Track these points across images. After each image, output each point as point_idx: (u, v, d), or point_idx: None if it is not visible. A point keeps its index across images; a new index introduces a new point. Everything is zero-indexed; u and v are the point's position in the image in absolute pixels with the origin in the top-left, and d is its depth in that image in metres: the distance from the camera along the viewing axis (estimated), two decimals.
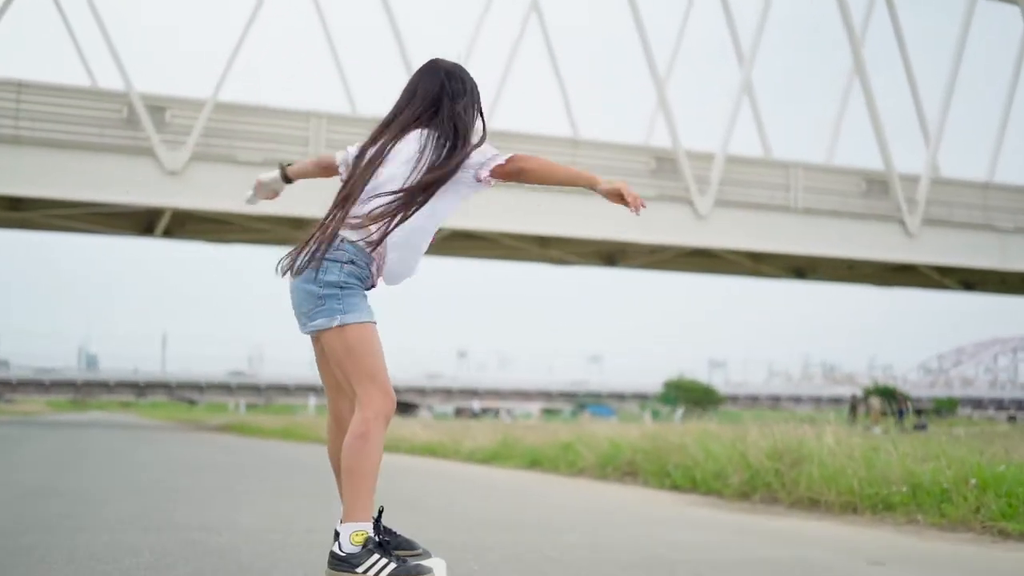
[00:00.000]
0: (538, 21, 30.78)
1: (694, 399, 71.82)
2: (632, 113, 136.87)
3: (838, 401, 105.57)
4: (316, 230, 3.00)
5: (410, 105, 3.08)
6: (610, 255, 34.40)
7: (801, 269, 36.89)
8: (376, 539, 2.87)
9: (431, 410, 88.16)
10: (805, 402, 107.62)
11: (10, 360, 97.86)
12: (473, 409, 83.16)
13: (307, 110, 26.84)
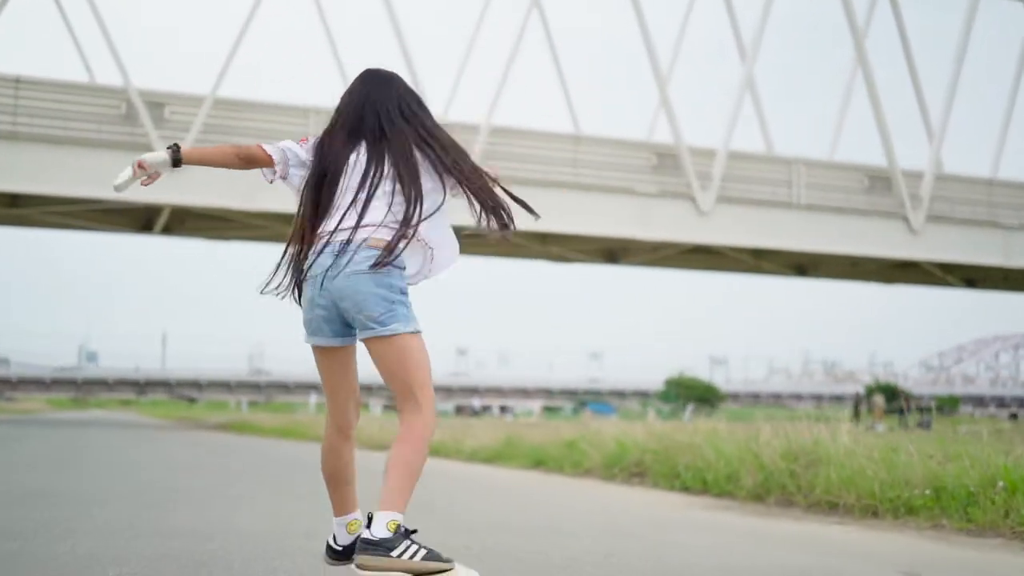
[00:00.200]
0: (539, 17, 30.55)
1: (695, 397, 71.66)
2: (634, 109, 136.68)
3: (840, 399, 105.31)
4: (341, 226, 2.97)
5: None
6: (611, 252, 34.16)
7: (803, 266, 36.66)
8: (407, 528, 2.92)
9: None
10: (806, 399, 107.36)
11: (10, 358, 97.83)
12: (473, 407, 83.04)
13: (307, 106, 26.61)
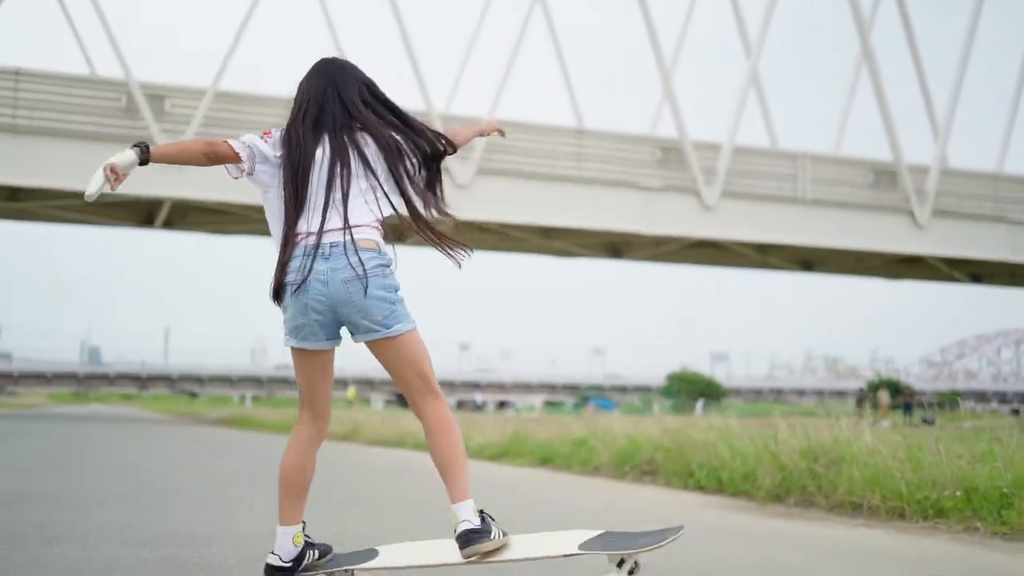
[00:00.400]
0: (543, 11, 30.30)
1: (697, 392, 71.43)
2: (636, 104, 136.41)
3: (841, 394, 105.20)
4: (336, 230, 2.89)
5: None
6: (615, 246, 33.91)
7: (808, 261, 36.41)
8: (482, 510, 2.95)
9: None
10: (808, 395, 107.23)
11: (13, 353, 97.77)
12: (475, 402, 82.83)
13: None
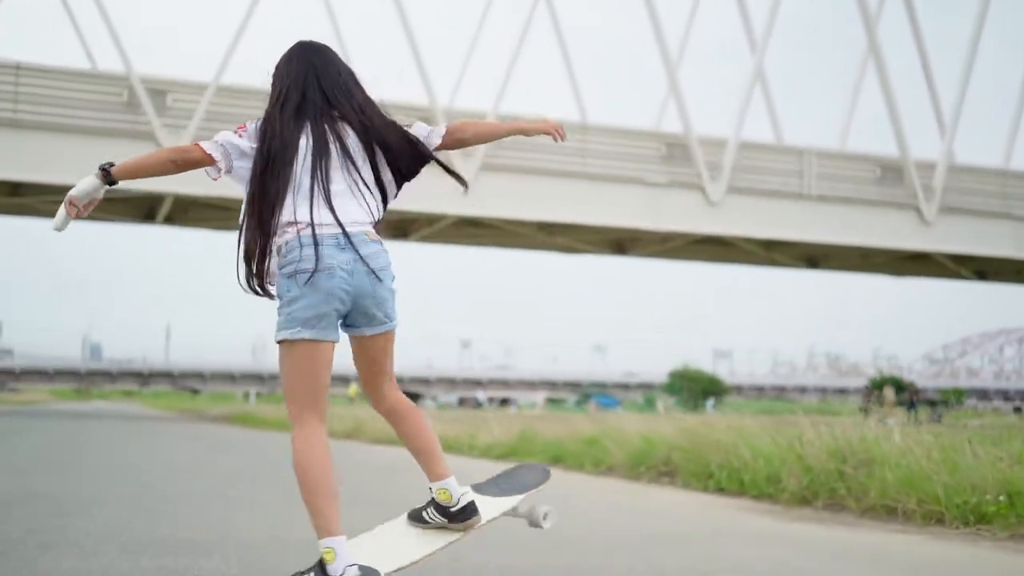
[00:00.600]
0: (547, 5, 30.08)
1: (700, 389, 71.23)
2: (641, 100, 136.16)
3: (844, 392, 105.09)
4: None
5: None
6: (619, 243, 33.71)
7: (814, 258, 36.20)
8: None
9: (435, 400, 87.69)
10: (811, 392, 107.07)
11: (14, 349, 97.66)
12: (477, 399, 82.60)
13: None
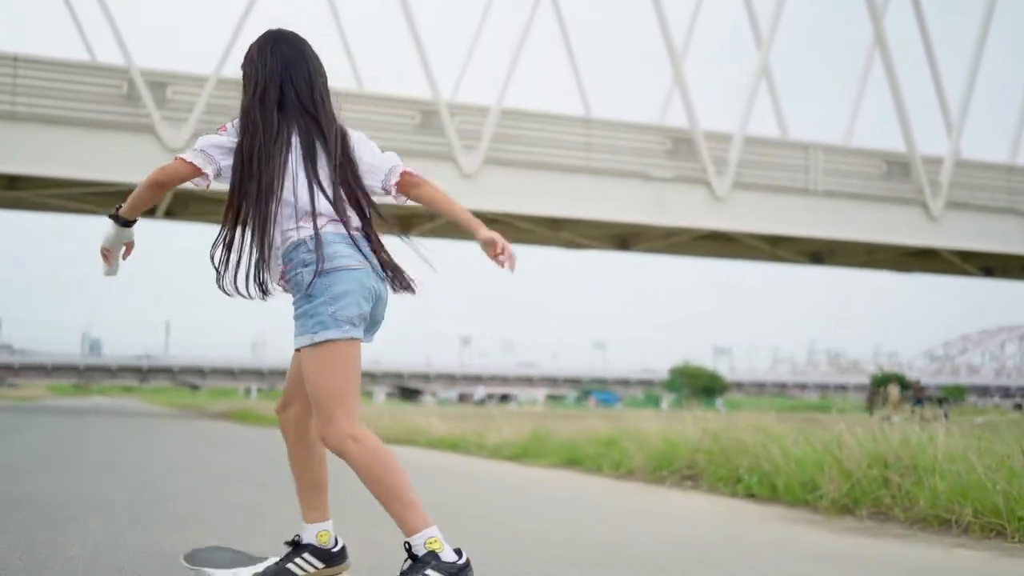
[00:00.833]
0: None
1: (700, 386, 71.09)
2: (645, 94, 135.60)
3: (844, 388, 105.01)
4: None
5: None
6: (623, 238, 33.40)
7: (819, 254, 35.90)
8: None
9: (435, 396, 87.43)
10: (811, 389, 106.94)
11: (13, 344, 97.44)
12: (479, 395, 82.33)
13: None
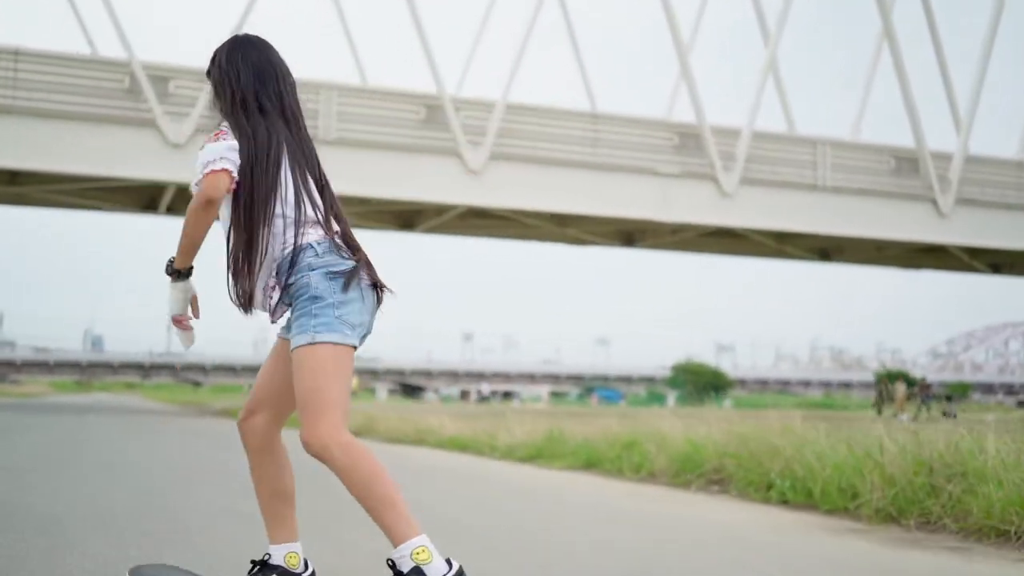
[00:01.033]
0: None
1: (703, 383, 70.84)
2: (651, 90, 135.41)
3: (847, 385, 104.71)
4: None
5: None
6: (629, 235, 33.13)
7: (826, 250, 35.63)
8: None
9: (437, 393, 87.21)
10: (814, 386, 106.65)
11: (16, 341, 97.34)
12: (481, 392, 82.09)
13: (317, 81, 25.58)
